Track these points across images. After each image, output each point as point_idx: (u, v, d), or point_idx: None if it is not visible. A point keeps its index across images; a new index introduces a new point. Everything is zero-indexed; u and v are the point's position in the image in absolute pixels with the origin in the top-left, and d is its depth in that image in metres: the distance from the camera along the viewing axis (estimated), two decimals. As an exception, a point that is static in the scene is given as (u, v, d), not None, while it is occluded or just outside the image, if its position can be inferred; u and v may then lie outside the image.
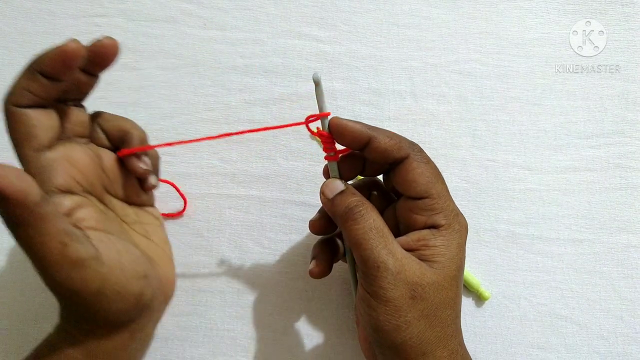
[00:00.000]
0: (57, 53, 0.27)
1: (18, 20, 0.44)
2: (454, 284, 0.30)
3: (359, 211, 0.30)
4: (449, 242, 0.30)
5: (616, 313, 0.40)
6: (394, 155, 0.31)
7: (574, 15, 0.45)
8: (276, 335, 0.40)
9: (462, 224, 0.31)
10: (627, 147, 0.42)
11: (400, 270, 0.29)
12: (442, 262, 0.30)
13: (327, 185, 0.32)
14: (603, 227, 0.41)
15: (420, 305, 0.29)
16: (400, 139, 0.31)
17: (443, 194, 0.31)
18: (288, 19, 0.44)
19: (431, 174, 0.31)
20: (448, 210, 0.31)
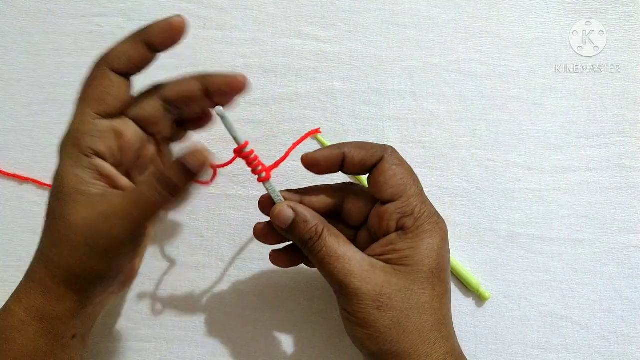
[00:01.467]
0: (167, 24, 0.29)
1: (18, 19, 0.44)
2: (427, 287, 0.30)
3: (311, 243, 0.31)
4: (417, 244, 0.30)
5: (617, 313, 0.40)
6: (369, 162, 0.32)
7: (574, 15, 0.45)
8: (276, 335, 0.40)
9: (436, 224, 0.31)
10: (627, 147, 0.42)
11: (361, 285, 0.29)
12: (410, 265, 0.30)
13: (276, 216, 0.31)
14: (603, 227, 0.41)
15: (388, 314, 0.29)
16: (372, 146, 0.32)
17: (415, 196, 0.31)
18: (288, 19, 0.44)
19: (404, 175, 0.31)
20: (418, 212, 0.31)
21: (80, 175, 0.29)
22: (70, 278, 0.29)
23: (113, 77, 0.29)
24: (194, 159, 0.28)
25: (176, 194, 0.29)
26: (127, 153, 0.31)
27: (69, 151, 0.29)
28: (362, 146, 0.32)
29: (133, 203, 0.28)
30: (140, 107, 0.31)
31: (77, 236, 0.28)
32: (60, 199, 0.29)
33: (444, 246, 0.31)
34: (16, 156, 0.43)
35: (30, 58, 0.44)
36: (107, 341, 0.39)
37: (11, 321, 0.30)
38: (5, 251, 0.41)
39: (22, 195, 0.42)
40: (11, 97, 0.43)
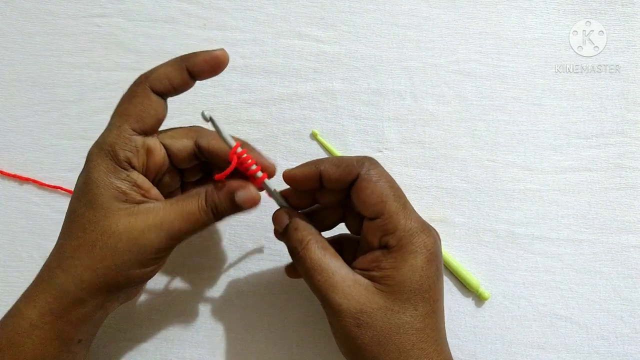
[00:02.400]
0: (211, 57, 0.31)
1: (18, 20, 0.45)
2: (408, 307, 0.29)
3: (298, 254, 0.31)
4: (399, 264, 0.29)
5: (616, 313, 0.40)
6: (346, 180, 0.31)
7: (573, 15, 0.45)
8: (276, 335, 0.40)
9: (420, 243, 0.30)
10: (627, 147, 0.42)
11: (342, 301, 0.29)
12: (392, 285, 0.29)
13: (274, 219, 0.33)
14: (603, 227, 0.41)
15: (368, 332, 0.29)
16: (348, 162, 0.31)
17: (396, 213, 0.30)
18: (288, 19, 0.45)
19: (383, 192, 0.30)
20: (401, 230, 0.30)
21: (119, 185, 0.30)
22: (101, 283, 0.29)
23: (153, 97, 0.31)
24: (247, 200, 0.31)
25: (220, 219, 0.31)
26: (153, 171, 0.32)
27: (104, 161, 0.30)
28: (338, 163, 0.31)
29: (180, 217, 0.30)
30: (174, 140, 0.33)
31: (120, 243, 0.29)
32: (95, 207, 0.30)
33: (429, 266, 0.30)
34: (16, 156, 0.43)
35: (31, 58, 0.44)
36: (107, 341, 0.39)
37: (21, 325, 0.29)
38: (5, 251, 0.41)
39: (22, 196, 0.42)
40: (11, 98, 0.43)
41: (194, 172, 0.36)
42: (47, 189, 0.42)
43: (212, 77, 0.31)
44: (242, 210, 0.31)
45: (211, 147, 0.33)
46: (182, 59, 0.31)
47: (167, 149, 0.33)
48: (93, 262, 0.29)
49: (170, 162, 0.33)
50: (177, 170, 0.35)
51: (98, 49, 0.44)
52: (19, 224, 0.42)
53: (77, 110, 0.43)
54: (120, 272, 0.29)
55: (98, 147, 0.31)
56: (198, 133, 0.33)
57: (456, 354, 0.39)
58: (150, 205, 0.30)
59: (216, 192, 0.31)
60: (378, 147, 0.43)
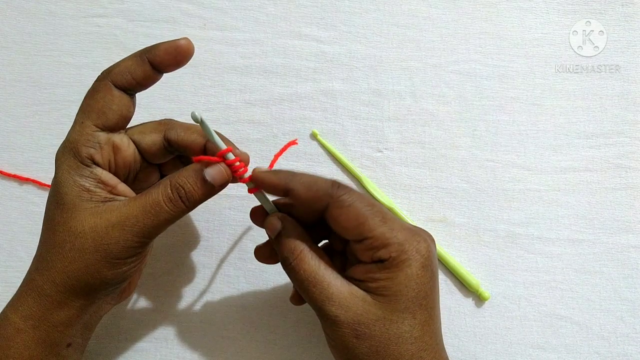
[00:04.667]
0: (172, 47, 0.30)
1: (18, 20, 0.45)
2: (407, 317, 0.29)
3: (290, 264, 0.30)
4: (394, 274, 0.29)
5: (616, 313, 0.40)
6: (316, 206, 0.30)
7: (573, 15, 0.45)
8: (276, 335, 0.40)
9: (413, 250, 0.29)
10: (626, 147, 0.42)
11: (339, 313, 0.29)
12: (388, 296, 0.29)
13: (266, 224, 0.31)
14: (603, 227, 0.41)
15: (366, 342, 0.28)
16: (319, 187, 0.29)
17: (379, 229, 0.29)
18: (288, 20, 0.45)
19: (358, 214, 0.29)
20: (390, 243, 0.29)
21: (82, 183, 0.29)
22: (74, 285, 0.29)
23: (115, 92, 0.30)
24: (218, 174, 0.29)
25: (192, 206, 0.30)
26: (122, 167, 0.32)
27: (68, 160, 0.30)
28: (309, 186, 0.29)
29: (144, 211, 0.29)
30: (142, 136, 0.32)
31: (87, 243, 0.28)
32: (61, 207, 0.29)
33: (425, 272, 0.29)
34: (16, 156, 0.43)
35: (31, 58, 0.44)
36: (107, 341, 0.39)
37: (7, 330, 0.29)
38: (5, 251, 0.41)
39: (22, 196, 0.42)
40: (12, 98, 0.43)
41: (171, 166, 0.35)
42: (47, 189, 0.42)
43: (177, 68, 0.31)
44: (212, 191, 0.30)
45: (180, 140, 0.32)
46: (144, 51, 0.30)
47: (136, 145, 0.32)
48: (64, 264, 0.29)
49: (143, 158, 0.33)
50: (155, 166, 0.34)
51: (98, 49, 0.44)
52: (19, 224, 0.42)
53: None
54: (91, 274, 0.29)
55: (62, 146, 0.30)
56: (167, 126, 0.32)
57: (456, 354, 0.39)
58: (116, 203, 0.29)
59: (182, 172, 0.30)
60: (378, 147, 0.43)
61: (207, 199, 0.30)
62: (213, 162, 0.30)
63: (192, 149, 0.32)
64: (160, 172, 0.35)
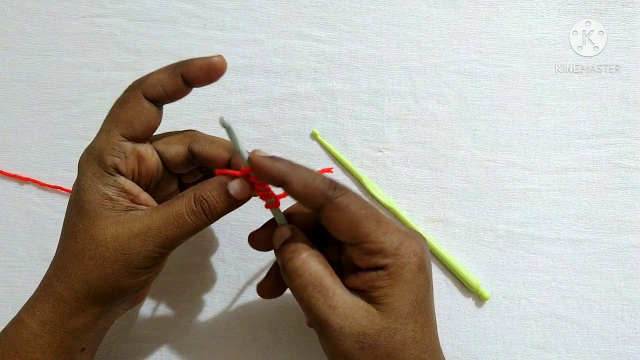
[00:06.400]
0: (206, 63, 0.30)
1: (18, 20, 0.45)
2: (409, 322, 0.28)
3: (294, 265, 0.29)
4: (394, 280, 0.28)
5: (616, 313, 0.40)
6: (310, 204, 0.29)
7: (574, 15, 0.45)
8: (276, 335, 0.40)
9: (409, 252, 0.29)
10: (627, 147, 0.42)
11: (343, 324, 0.28)
12: (391, 303, 0.28)
13: (274, 234, 0.31)
14: (603, 227, 0.41)
15: (371, 353, 0.28)
16: (316, 186, 0.28)
17: (373, 233, 0.28)
18: (288, 19, 0.45)
19: (353, 217, 0.28)
20: (385, 247, 0.28)
21: (105, 192, 0.29)
22: (94, 293, 0.29)
23: (145, 104, 0.30)
24: (241, 189, 0.29)
25: (214, 219, 0.30)
26: (145, 177, 0.32)
27: (92, 167, 0.30)
28: (306, 183, 0.28)
29: (167, 223, 0.29)
30: (167, 147, 0.32)
31: (108, 252, 0.29)
32: (83, 214, 0.29)
33: (421, 274, 0.29)
34: (16, 156, 0.43)
35: (31, 58, 0.44)
36: (107, 341, 0.39)
37: (23, 333, 0.29)
38: (5, 251, 0.41)
39: (22, 196, 0.42)
40: (12, 98, 0.43)
41: (191, 176, 0.35)
42: (47, 189, 0.42)
43: (209, 84, 0.31)
44: (235, 205, 0.30)
45: (205, 153, 0.32)
46: (177, 65, 0.30)
47: (160, 155, 0.32)
48: (83, 271, 0.29)
49: (165, 167, 0.33)
50: (175, 174, 0.35)
51: (98, 49, 0.44)
52: (19, 224, 0.42)
53: (78, 110, 0.43)
54: (110, 282, 0.29)
55: (87, 152, 0.30)
56: (192, 138, 0.33)
57: (456, 354, 0.39)
58: (138, 213, 0.29)
59: (206, 185, 0.30)
60: (378, 147, 0.43)
61: (230, 212, 0.30)
62: (236, 175, 0.30)
63: (216, 163, 0.32)
64: (179, 180, 0.35)
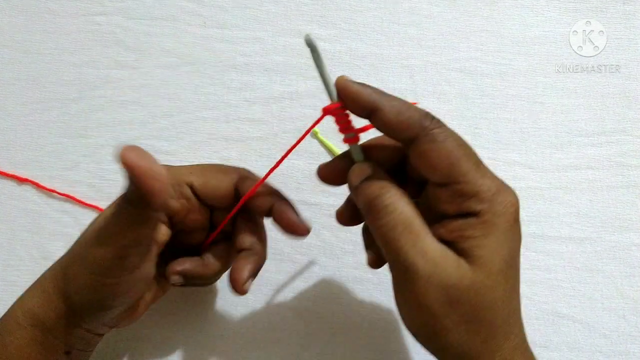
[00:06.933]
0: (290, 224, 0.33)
1: (18, 18, 0.44)
2: (500, 281, 0.25)
3: (382, 203, 0.26)
4: (488, 230, 0.25)
5: (618, 312, 0.40)
6: (402, 135, 0.26)
7: (574, 14, 0.45)
8: (276, 334, 0.39)
9: (506, 202, 0.26)
10: (628, 145, 0.42)
11: (433, 272, 0.25)
12: (483, 256, 0.25)
13: (352, 170, 0.28)
14: (605, 225, 0.41)
15: (459, 309, 0.25)
16: (411, 115, 0.26)
17: (471, 173, 0.25)
18: (288, 17, 0.44)
19: (451, 153, 0.26)
20: (482, 191, 0.25)
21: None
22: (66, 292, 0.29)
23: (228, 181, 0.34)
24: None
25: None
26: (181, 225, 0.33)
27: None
28: (400, 111, 0.26)
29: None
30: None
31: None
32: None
33: (516, 227, 0.26)
34: (16, 155, 0.42)
35: (30, 57, 0.44)
36: (107, 341, 0.39)
37: (9, 323, 0.29)
38: (4, 250, 0.41)
39: (21, 195, 0.42)
40: (11, 96, 0.43)
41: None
42: (44, 191, 0.42)
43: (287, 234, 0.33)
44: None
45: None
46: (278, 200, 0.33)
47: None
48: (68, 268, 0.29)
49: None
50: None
51: (98, 47, 0.44)
52: (18, 223, 0.41)
53: (77, 109, 0.43)
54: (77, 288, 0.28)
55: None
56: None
57: (458, 353, 0.39)
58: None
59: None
60: (379, 146, 0.42)
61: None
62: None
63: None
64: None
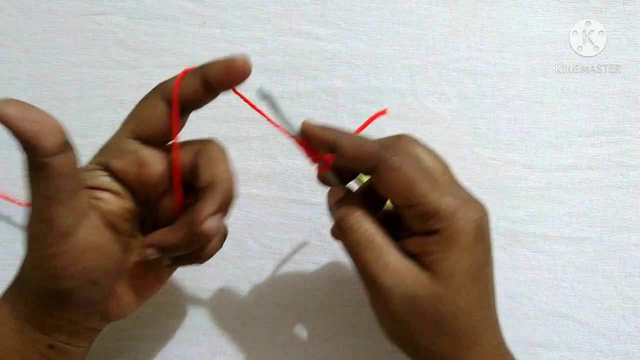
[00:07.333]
0: (226, 64, 0.28)
1: (17, 18, 0.44)
2: (462, 293, 0.27)
3: (348, 222, 0.29)
4: (447, 246, 0.27)
5: (618, 311, 0.40)
6: (363, 166, 0.29)
7: (574, 14, 0.45)
8: (276, 334, 0.39)
9: (467, 218, 0.27)
10: (628, 145, 0.42)
11: (395, 284, 0.27)
12: (444, 269, 0.27)
13: (328, 193, 0.32)
14: (605, 225, 0.41)
15: (424, 318, 0.27)
16: (368, 148, 0.28)
17: (429, 195, 0.27)
18: (288, 17, 0.44)
19: (407, 178, 0.27)
20: (441, 210, 0.27)
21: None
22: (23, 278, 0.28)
23: (159, 105, 0.28)
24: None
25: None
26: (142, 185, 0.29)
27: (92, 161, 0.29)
28: (358, 145, 0.29)
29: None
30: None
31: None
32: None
33: (478, 243, 0.28)
34: (16, 154, 0.42)
35: (30, 56, 0.44)
36: (107, 341, 0.39)
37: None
38: (4, 249, 0.41)
39: (22, 194, 0.42)
40: (11, 95, 0.43)
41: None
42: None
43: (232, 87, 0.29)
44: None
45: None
46: (200, 67, 0.28)
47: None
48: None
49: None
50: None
51: (98, 46, 0.44)
52: (18, 222, 0.41)
53: (77, 108, 0.43)
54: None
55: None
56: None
57: (458, 353, 0.39)
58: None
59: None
60: (379, 145, 0.42)
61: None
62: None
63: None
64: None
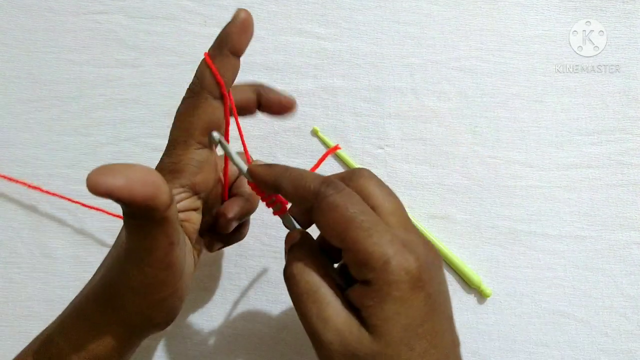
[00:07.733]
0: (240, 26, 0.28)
1: (18, 17, 0.44)
2: (403, 350, 0.25)
3: (291, 272, 0.27)
4: (382, 298, 0.25)
5: (619, 310, 0.40)
6: (302, 206, 0.28)
7: (574, 13, 0.45)
8: (276, 333, 0.39)
9: (399, 269, 0.24)
10: (628, 144, 0.42)
11: (334, 340, 0.25)
12: (379, 325, 0.25)
13: (286, 237, 0.30)
14: (605, 224, 0.41)
15: None
16: (305, 185, 0.27)
17: (361, 241, 0.25)
18: (288, 16, 0.44)
19: (343, 220, 0.25)
20: (372, 259, 0.25)
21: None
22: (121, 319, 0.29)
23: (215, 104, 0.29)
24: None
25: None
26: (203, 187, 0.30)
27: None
28: (297, 186, 0.27)
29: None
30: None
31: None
32: None
33: (416, 294, 0.25)
34: (16, 153, 0.43)
35: (31, 55, 0.44)
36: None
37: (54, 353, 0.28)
38: (5, 248, 0.41)
39: (22, 192, 0.42)
40: (11, 94, 0.43)
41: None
42: (46, 184, 0.42)
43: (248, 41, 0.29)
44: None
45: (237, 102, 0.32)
46: (221, 44, 0.29)
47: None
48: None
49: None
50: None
51: (98, 45, 0.44)
52: (19, 220, 0.41)
53: (77, 107, 0.43)
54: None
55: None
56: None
57: (458, 351, 0.39)
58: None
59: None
60: (379, 144, 0.42)
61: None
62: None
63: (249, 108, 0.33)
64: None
